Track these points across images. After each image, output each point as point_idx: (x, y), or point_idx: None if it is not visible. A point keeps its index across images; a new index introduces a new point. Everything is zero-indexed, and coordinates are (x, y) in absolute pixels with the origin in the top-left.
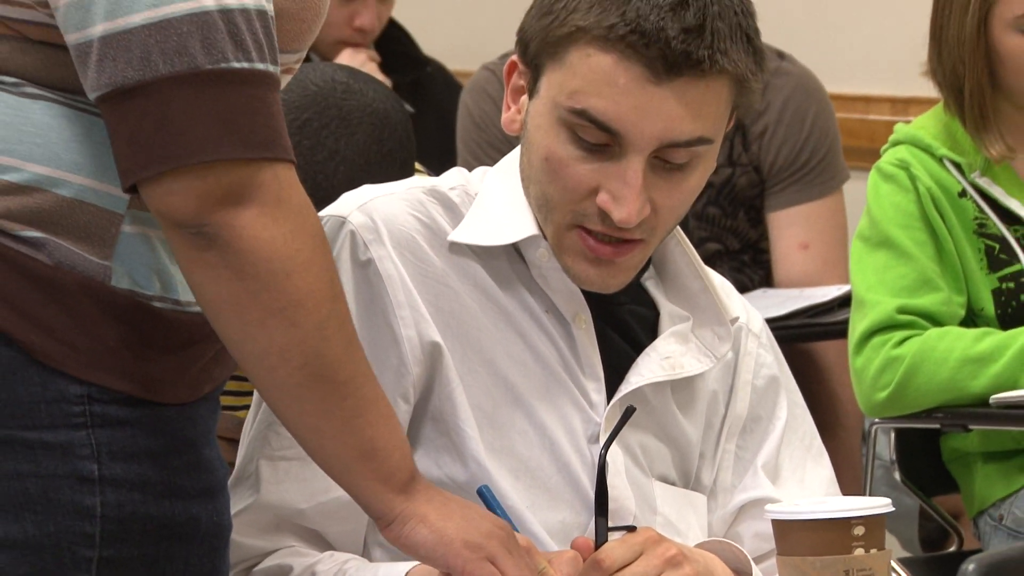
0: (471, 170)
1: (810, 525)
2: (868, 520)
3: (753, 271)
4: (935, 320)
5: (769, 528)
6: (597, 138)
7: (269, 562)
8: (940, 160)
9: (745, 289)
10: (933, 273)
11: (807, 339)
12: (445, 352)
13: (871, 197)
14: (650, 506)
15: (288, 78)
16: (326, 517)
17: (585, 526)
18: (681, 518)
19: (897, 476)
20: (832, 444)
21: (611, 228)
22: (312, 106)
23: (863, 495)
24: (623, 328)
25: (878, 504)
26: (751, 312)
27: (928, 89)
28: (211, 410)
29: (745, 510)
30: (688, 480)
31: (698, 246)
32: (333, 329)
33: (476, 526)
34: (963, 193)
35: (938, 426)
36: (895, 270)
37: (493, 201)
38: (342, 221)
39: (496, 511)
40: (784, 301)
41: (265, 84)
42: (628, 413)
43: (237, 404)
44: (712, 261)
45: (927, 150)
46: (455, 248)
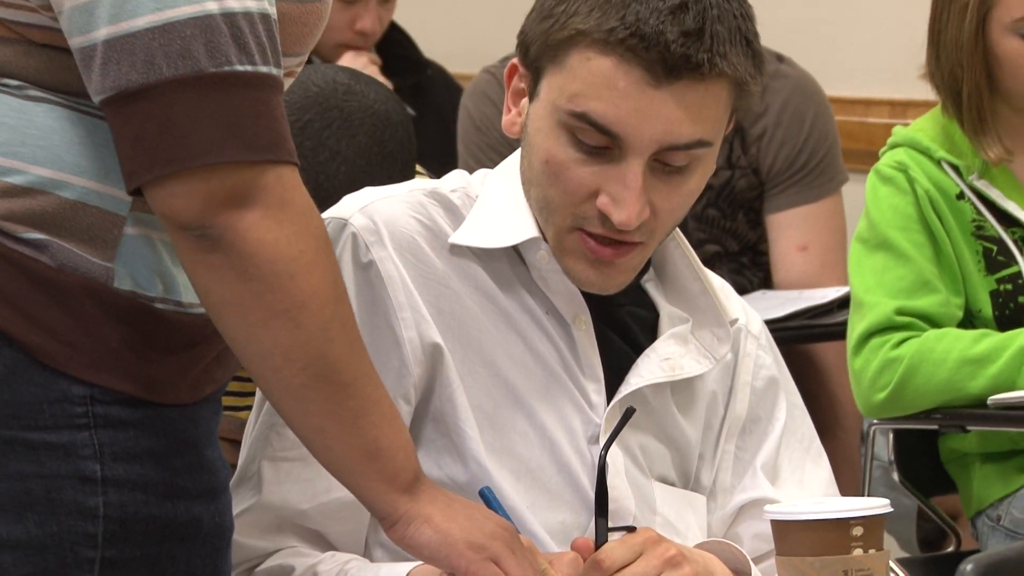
0: (472, 172)
1: (809, 525)
2: (867, 520)
3: (752, 273)
4: (933, 322)
5: (768, 528)
6: (597, 141)
7: (271, 562)
8: (938, 162)
9: (744, 291)
10: (931, 275)
11: (806, 340)
12: (446, 353)
13: (870, 199)
14: (650, 507)
15: (290, 81)
16: (328, 518)
17: (585, 526)
18: (680, 518)
19: (895, 477)
20: (831, 445)
21: (611, 230)
22: (314, 107)
23: (862, 496)
24: (623, 329)
25: (877, 505)
26: (750, 314)
27: (926, 92)
28: (213, 411)
29: (744, 511)
30: (687, 481)
31: (697, 248)
32: (337, 330)
33: (480, 527)
34: (961, 195)
35: (936, 427)
36: (893, 272)
37: (494, 203)
38: (344, 223)
39: (498, 512)
40: (783, 303)
41: (268, 87)
42: (628, 414)
43: (239, 405)
44: (711, 263)
45: (925, 153)
46: (456, 250)
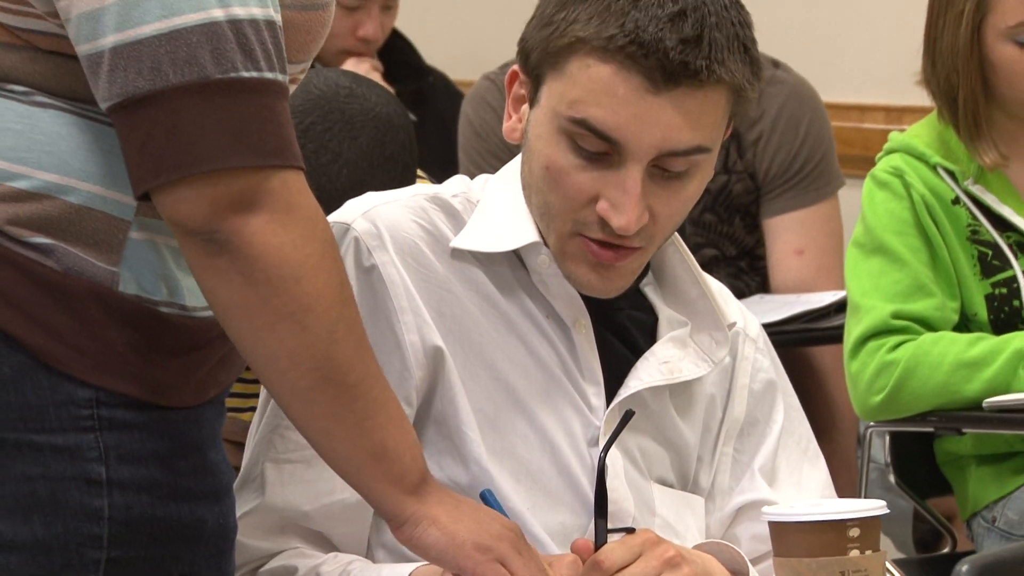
0: (472, 178)
1: (806, 527)
2: (863, 522)
3: (750, 277)
4: (929, 325)
5: (766, 530)
6: (597, 147)
7: (274, 563)
8: (934, 168)
9: (742, 295)
10: (927, 279)
11: (803, 344)
12: (447, 356)
13: (866, 204)
14: (649, 508)
15: (294, 88)
16: (330, 519)
17: (585, 528)
18: (679, 520)
19: (892, 478)
20: (828, 447)
21: (611, 235)
22: (316, 110)
23: (858, 497)
24: (622, 333)
25: (873, 506)
26: (748, 317)
27: (922, 98)
28: (217, 413)
29: (742, 512)
30: (686, 483)
31: (695, 252)
32: (343, 332)
33: (486, 528)
34: (956, 200)
35: (932, 429)
36: (890, 276)
37: (495, 208)
38: (346, 228)
39: None
40: (781, 306)
41: (274, 93)
42: (627, 417)
43: (242, 406)
44: (709, 267)
45: (921, 158)
46: (457, 254)
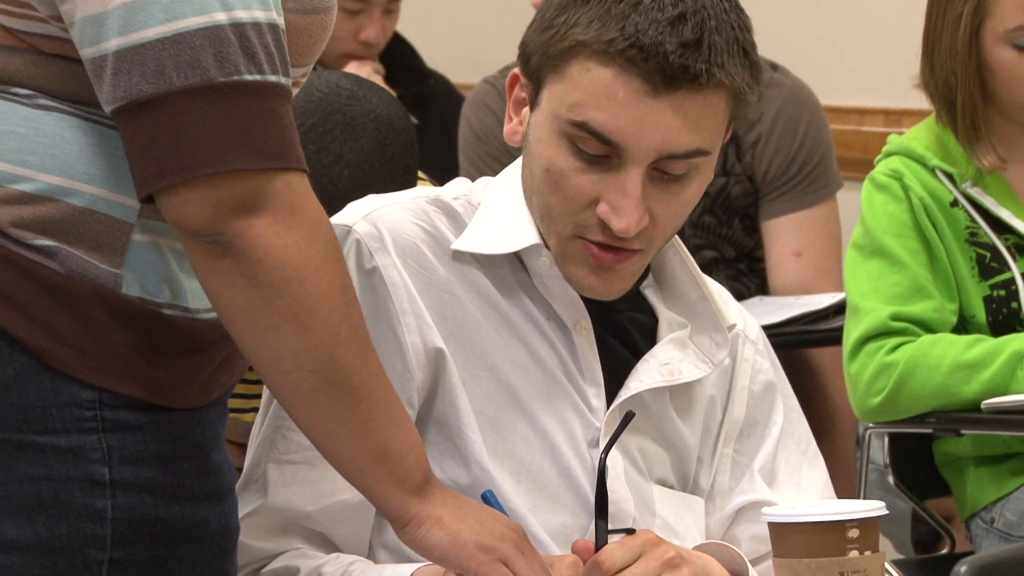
0: (472, 181)
1: (806, 528)
2: (862, 523)
3: (749, 279)
4: (928, 327)
5: (765, 531)
6: (597, 150)
7: (276, 564)
8: (932, 170)
9: (741, 297)
10: (926, 281)
11: (803, 345)
12: (448, 358)
13: (865, 207)
14: (649, 509)
15: (296, 92)
16: (332, 520)
17: (585, 529)
18: (679, 521)
19: (890, 480)
20: (827, 448)
21: (611, 238)
22: (317, 112)
23: (857, 498)
24: (623, 335)
25: (872, 507)
26: (748, 319)
27: (921, 101)
28: (220, 415)
29: (742, 513)
30: (686, 484)
31: (694, 254)
32: (346, 334)
33: (489, 528)
34: (955, 203)
35: (931, 431)
36: (888, 278)
37: (495, 211)
38: (348, 230)
39: None
40: (780, 308)
41: (277, 96)
42: (627, 418)
43: (244, 407)
44: (708, 269)
45: (920, 161)
46: (458, 256)
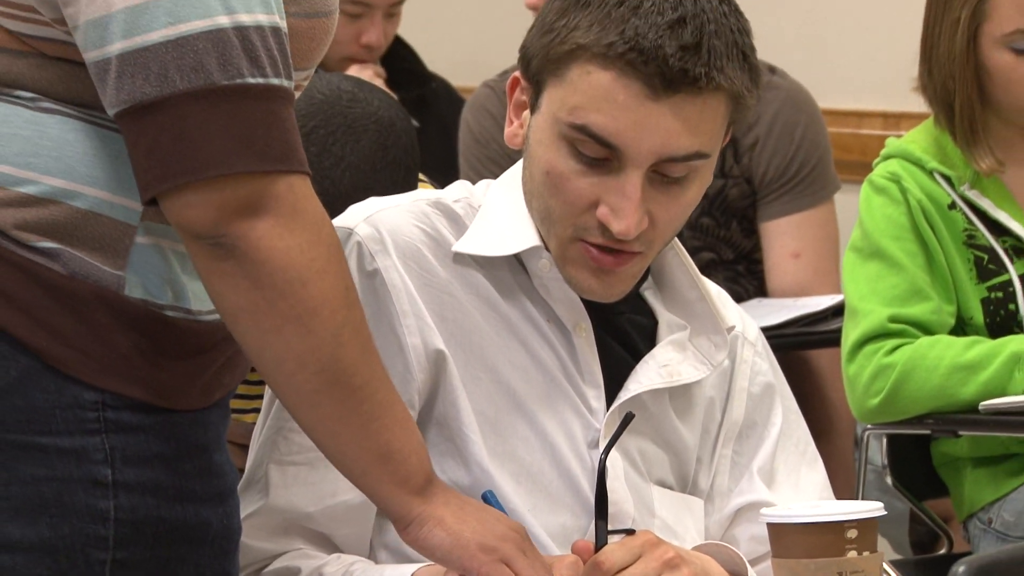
0: (473, 184)
1: (804, 528)
2: (861, 523)
3: (748, 281)
4: (926, 329)
5: (764, 531)
6: (597, 152)
7: (278, 564)
8: (930, 173)
9: (740, 299)
10: (924, 283)
11: (801, 347)
12: (449, 359)
13: (863, 209)
14: (648, 510)
15: (298, 95)
16: (333, 520)
17: (585, 529)
18: (678, 521)
19: (889, 480)
20: (825, 449)
21: (611, 240)
22: (318, 114)
23: (856, 499)
24: (622, 337)
25: (870, 508)
26: (747, 321)
27: (919, 104)
28: (222, 416)
29: (741, 514)
30: (685, 484)
31: (692, 256)
32: (349, 335)
33: (491, 529)
34: (953, 205)
35: (929, 432)
36: (887, 280)
37: (496, 213)
38: (349, 232)
39: None
40: (779, 310)
41: (279, 99)
42: (627, 419)
43: (245, 407)
44: (707, 271)
45: (918, 163)
46: (459, 258)
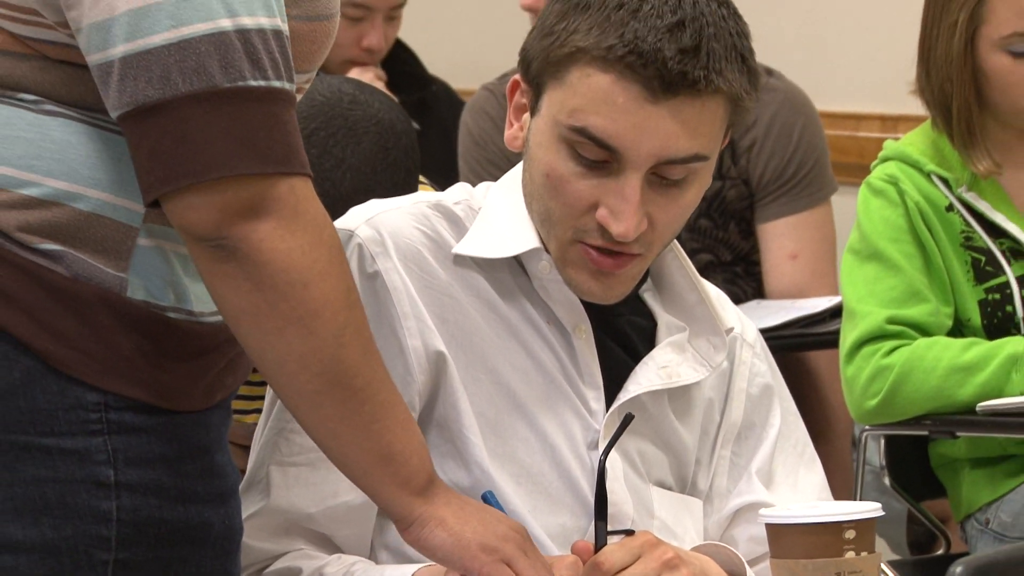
0: (473, 186)
1: (803, 529)
2: (859, 524)
3: (746, 282)
4: (923, 330)
5: (763, 532)
6: (596, 155)
7: (279, 564)
8: (928, 175)
9: (738, 300)
10: (921, 285)
11: (800, 348)
12: (449, 361)
13: (861, 211)
14: (648, 510)
15: (299, 97)
16: (334, 521)
17: (585, 530)
18: (677, 522)
19: (886, 481)
20: (824, 450)
21: (610, 242)
22: (319, 116)
23: (854, 500)
24: (622, 338)
25: (868, 508)
26: (745, 322)
27: (917, 107)
28: (223, 417)
29: (740, 514)
30: (684, 485)
31: (690, 257)
32: (350, 336)
33: (492, 529)
34: (950, 207)
35: (926, 433)
36: (885, 282)
37: (496, 215)
38: (350, 234)
39: None
40: (777, 312)
41: (281, 101)
42: (627, 420)
43: (247, 408)
44: (705, 272)
45: (915, 166)
46: (459, 260)
